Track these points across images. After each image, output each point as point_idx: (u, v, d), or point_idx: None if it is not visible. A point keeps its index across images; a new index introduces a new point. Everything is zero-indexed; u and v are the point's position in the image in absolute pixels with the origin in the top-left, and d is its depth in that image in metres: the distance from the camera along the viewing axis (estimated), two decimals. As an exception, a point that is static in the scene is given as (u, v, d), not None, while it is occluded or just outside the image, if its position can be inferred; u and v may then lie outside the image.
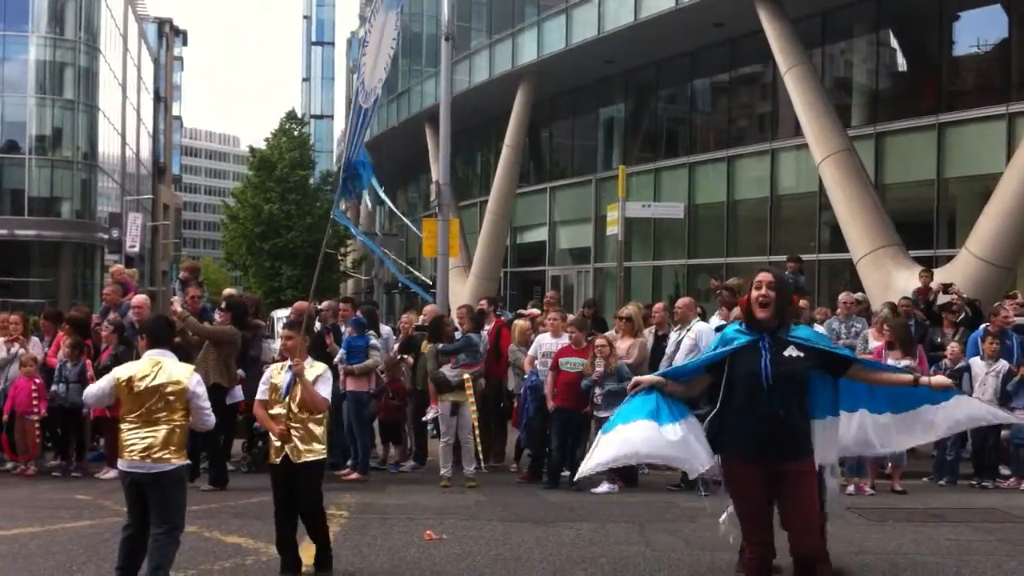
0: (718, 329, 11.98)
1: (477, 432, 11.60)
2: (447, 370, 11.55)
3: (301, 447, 7.04)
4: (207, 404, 6.54)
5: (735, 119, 27.32)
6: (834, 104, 21.91)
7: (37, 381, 12.00)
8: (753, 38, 23.22)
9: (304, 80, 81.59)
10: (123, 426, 6.45)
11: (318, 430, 7.14)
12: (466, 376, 11.46)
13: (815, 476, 5.57)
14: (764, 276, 5.51)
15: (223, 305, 12.09)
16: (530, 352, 12.13)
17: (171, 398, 6.38)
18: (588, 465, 5.72)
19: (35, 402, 11.90)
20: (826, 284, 22.78)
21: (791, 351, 5.39)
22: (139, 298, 12.67)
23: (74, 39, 59.34)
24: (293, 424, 7.07)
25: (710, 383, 5.59)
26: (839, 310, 13.55)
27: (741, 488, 5.47)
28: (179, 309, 11.48)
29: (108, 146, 65.85)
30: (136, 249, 57.13)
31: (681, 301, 11.92)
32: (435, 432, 12.77)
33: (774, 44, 21.86)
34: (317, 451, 7.11)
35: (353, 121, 8.40)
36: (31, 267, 57.51)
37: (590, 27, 27.02)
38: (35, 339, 12.71)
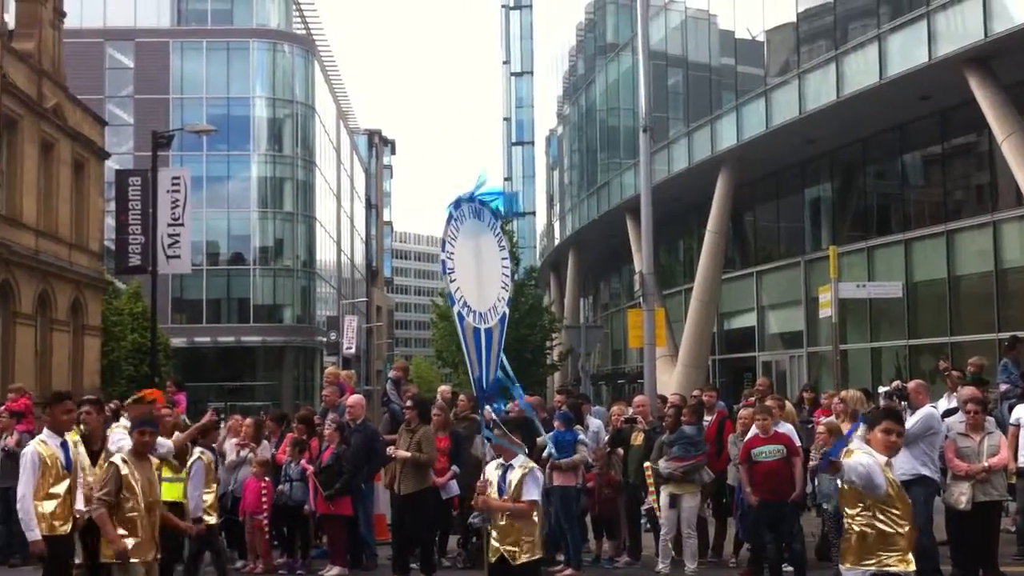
0: (946, 414, 11.39)
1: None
2: (662, 463, 11.36)
3: (519, 550, 6.97)
4: None
5: (951, 192, 26.17)
6: (1059, 171, 20.71)
7: (266, 481, 12.48)
8: (963, 108, 22.30)
9: (506, 179, 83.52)
10: None
11: (535, 530, 7.04)
12: (646, 465, 11.27)
13: None
14: None
15: (408, 403, 12.16)
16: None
17: None
18: None
19: (264, 503, 12.36)
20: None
21: None
22: (353, 398, 13.06)
23: (292, 155, 63.18)
24: (511, 523, 7.03)
25: None
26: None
27: None
28: (403, 453, 11.53)
29: (325, 253, 69.31)
30: (352, 350, 59.43)
31: (911, 384, 11.31)
32: (648, 526, 12.51)
33: (988, 113, 20.94)
34: (535, 553, 7.02)
35: (477, 343, 7.65)
36: (256, 371, 60.69)
37: (791, 108, 26.61)
38: (265, 443, 13.07)
